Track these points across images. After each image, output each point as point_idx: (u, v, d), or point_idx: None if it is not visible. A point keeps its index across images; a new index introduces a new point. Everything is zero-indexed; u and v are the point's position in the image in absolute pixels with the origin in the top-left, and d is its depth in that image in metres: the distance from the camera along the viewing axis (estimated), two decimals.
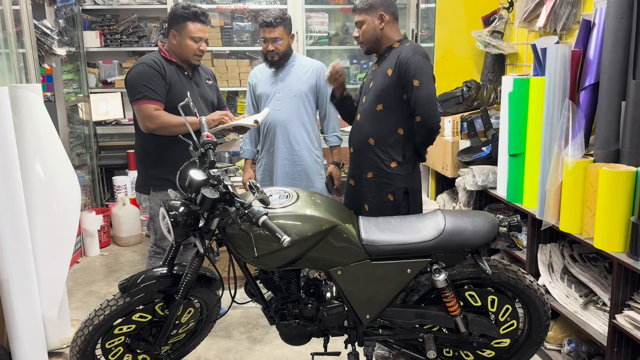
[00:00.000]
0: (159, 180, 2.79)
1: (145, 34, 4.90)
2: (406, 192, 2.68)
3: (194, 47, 2.79)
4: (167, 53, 2.83)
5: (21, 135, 2.49)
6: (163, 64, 2.77)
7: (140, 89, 2.68)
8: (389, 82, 2.61)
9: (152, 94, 2.68)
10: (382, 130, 2.66)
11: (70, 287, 3.69)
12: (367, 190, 2.73)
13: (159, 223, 2.63)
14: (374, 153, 2.68)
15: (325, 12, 4.87)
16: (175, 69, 2.81)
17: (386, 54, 2.68)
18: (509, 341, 2.27)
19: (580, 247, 2.71)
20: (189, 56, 2.81)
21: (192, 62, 2.84)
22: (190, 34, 2.77)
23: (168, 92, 2.75)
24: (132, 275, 2.16)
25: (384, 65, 2.66)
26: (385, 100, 2.64)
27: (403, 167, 2.67)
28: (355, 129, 2.80)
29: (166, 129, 2.69)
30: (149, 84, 2.69)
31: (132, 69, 2.76)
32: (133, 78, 2.72)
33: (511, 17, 3.63)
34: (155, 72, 2.71)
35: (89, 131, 4.95)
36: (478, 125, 3.47)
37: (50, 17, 4.10)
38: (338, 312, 2.20)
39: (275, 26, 3.06)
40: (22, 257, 2.45)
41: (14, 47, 2.88)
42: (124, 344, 2.22)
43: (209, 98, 2.98)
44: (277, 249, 2.00)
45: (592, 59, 2.53)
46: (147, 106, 2.67)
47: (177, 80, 2.80)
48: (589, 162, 2.39)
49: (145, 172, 2.88)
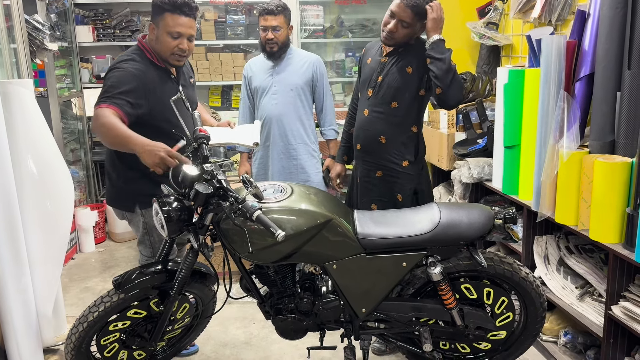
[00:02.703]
0: (144, 197, 2.41)
1: (138, 28, 4.85)
2: (415, 193, 2.63)
3: (170, 45, 2.36)
4: (148, 49, 2.43)
5: (13, 132, 2.47)
6: (142, 68, 2.36)
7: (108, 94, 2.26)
8: (408, 79, 2.50)
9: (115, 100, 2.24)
10: (396, 128, 2.57)
11: (65, 284, 3.68)
12: (377, 190, 2.66)
13: (155, 238, 2.52)
14: (385, 151, 2.60)
15: (320, 5, 4.83)
16: (156, 72, 2.41)
17: (401, 49, 2.55)
18: (505, 333, 2.27)
19: (576, 239, 2.71)
20: (165, 55, 2.39)
21: (171, 62, 2.42)
22: (167, 27, 2.33)
23: (148, 98, 2.35)
24: (127, 271, 2.15)
25: (401, 61, 2.52)
26: (401, 97, 2.53)
27: (414, 167, 2.61)
28: (363, 126, 2.65)
29: (106, 140, 2.21)
30: (119, 89, 2.26)
31: (109, 72, 2.35)
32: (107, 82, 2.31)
33: (506, 9, 3.61)
34: (135, 84, 2.29)
35: (82, 126, 4.92)
36: (473, 118, 3.46)
37: (41, 12, 4.06)
38: (334, 306, 2.19)
39: (277, 14, 3.04)
40: (16, 254, 2.44)
41: (5, 43, 2.84)
42: (119, 340, 2.21)
43: (191, 100, 2.60)
44: (271, 243, 1.99)
45: (587, 50, 2.52)
46: (104, 109, 2.22)
47: (157, 87, 2.39)
48: (585, 154, 2.38)
49: (124, 186, 2.49)
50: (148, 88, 2.35)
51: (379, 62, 2.62)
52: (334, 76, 4.95)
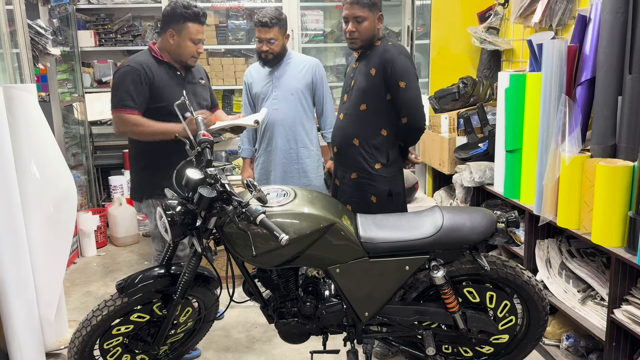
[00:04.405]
0: (152, 188, 2.68)
1: (139, 32, 4.88)
2: (390, 195, 2.69)
3: (192, 49, 2.68)
4: (159, 52, 2.71)
5: (16, 136, 2.48)
6: (151, 66, 2.65)
7: (119, 96, 2.57)
8: (372, 82, 2.59)
9: (128, 101, 2.55)
10: (366, 131, 2.66)
11: (67, 288, 3.68)
12: (351, 191, 2.74)
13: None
14: (358, 154, 2.68)
15: (320, 10, 4.86)
16: (166, 69, 2.69)
17: (367, 51, 2.66)
18: (508, 337, 2.27)
19: (578, 242, 2.71)
20: (186, 58, 2.70)
21: (189, 64, 2.74)
22: (190, 35, 2.65)
23: (156, 95, 2.63)
24: (130, 275, 2.15)
25: (366, 65, 2.63)
26: (369, 100, 2.63)
27: (387, 169, 2.67)
28: (339, 129, 2.78)
29: (141, 136, 2.59)
30: (128, 90, 2.56)
31: (116, 72, 2.65)
32: (115, 84, 2.61)
33: (507, 13, 3.63)
34: (138, 76, 2.58)
35: (84, 131, 4.93)
36: (474, 122, 3.47)
37: (44, 17, 4.08)
38: (337, 310, 2.19)
39: (271, 27, 3.04)
40: (19, 258, 2.44)
41: (7, 47, 2.86)
42: (122, 344, 2.21)
43: (202, 98, 2.89)
44: (275, 247, 1.99)
45: (588, 54, 2.53)
46: (120, 114, 2.56)
47: (168, 82, 2.68)
48: (586, 157, 2.39)
49: (137, 178, 2.77)
50: (157, 85, 2.62)
51: (352, 68, 2.76)
52: (334, 80, 4.96)
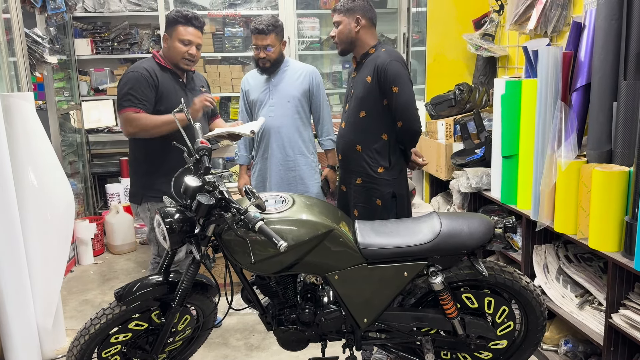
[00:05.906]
0: (150, 191, 2.77)
1: (136, 40, 4.89)
2: (394, 197, 2.74)
3: (181, 50, 2.75)
4: (162, 59, 2.82)
5: (13, 144, 2.48)
6: (155, 71, 2.76)
7: (126, 98, 2.67)
8: (369, 89, 2.66)
9: (135, 102, 2.66)
10: (367, 137, 2.72)
11: (64, 296, 3.66)
12: (357, 196, 2.79)
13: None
14: (362, 159, 2.74)
15: (316, 17, 4.88)
16: (169, 76, 2.80)
17: (363, 60, 2.73)
18: (506, 342, 2.27)
19: (575, 248, 2.72)
20: (177, 59, 2.78)
21: (181, 66, 2.80)
22: (179, 36, 2.74)
23: (161, 99, 2.74)
24: (128, 283, 2.14)
25: (362, 73, 2.70)
26: (367, 107, 2.69)
27: (390, 172, 2.73)
28: (342, 137, 2.85)
29: (147, 130, 2.67)
30: (135, 92, 2.67)
31: (122, 77, 2.75)
32: (121, 87, 2.71)
33: (502, 20, 3.65)
34: (144, 80, 2.69)
35: (81, 139, 4.92)
36: (471, 128, 3.49)
37: (41, 25, 4.08)
38: (335, 317, 2.19)
39: (267, 34, 3.06)
40: (16, 266, 2.44)
41: (5, 56, 2.86)
42: (120, 353, 2.20)
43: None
44: (273, 254, 2.00)
45: (583, 61, 2.55)
46: (127, 113, 2.66)
47: (171, 88, 2.78)
48: (582, 163, 2.40)
49: (135, 181, 2.85)
50: (161, 90, 2.73)
51: (351, 78, 2.84)
52: (331, 87, 4.98)
